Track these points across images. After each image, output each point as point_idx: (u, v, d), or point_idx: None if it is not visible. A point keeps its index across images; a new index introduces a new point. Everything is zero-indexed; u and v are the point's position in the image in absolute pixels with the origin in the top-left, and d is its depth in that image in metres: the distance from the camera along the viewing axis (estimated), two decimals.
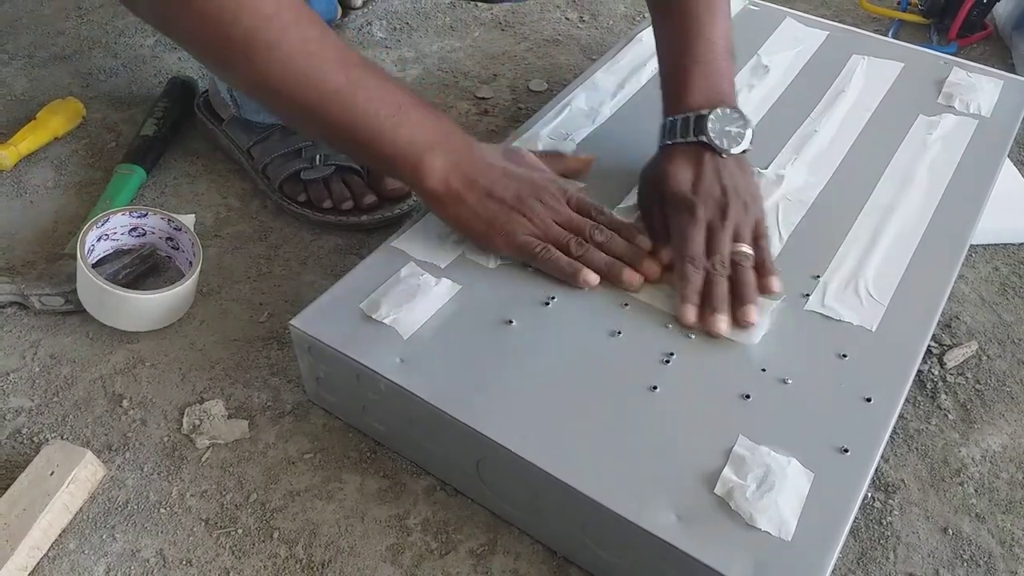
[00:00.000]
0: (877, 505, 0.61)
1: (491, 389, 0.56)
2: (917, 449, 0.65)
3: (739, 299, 0.60)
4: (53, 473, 0.58)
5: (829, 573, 0.47)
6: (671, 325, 0.60)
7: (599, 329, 0.60)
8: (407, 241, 0.66)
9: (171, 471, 0.62)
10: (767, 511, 0.49)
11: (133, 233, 0.76)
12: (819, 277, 0.64)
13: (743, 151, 0.66)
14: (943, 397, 0.68)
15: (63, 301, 0.72)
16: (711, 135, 0.65)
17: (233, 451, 0.64)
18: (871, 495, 0.61)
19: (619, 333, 0.60)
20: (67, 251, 0.77)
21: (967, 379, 0.70)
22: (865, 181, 0.73)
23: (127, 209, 0.75)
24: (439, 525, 0.59)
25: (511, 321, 0.60)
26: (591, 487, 0.50)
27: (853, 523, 0.51)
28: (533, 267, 0.64)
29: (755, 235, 0.64)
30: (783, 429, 0.54)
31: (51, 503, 0.57)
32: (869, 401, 0.55)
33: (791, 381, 0.57)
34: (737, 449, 0.52)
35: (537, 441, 0.53)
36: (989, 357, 0.71)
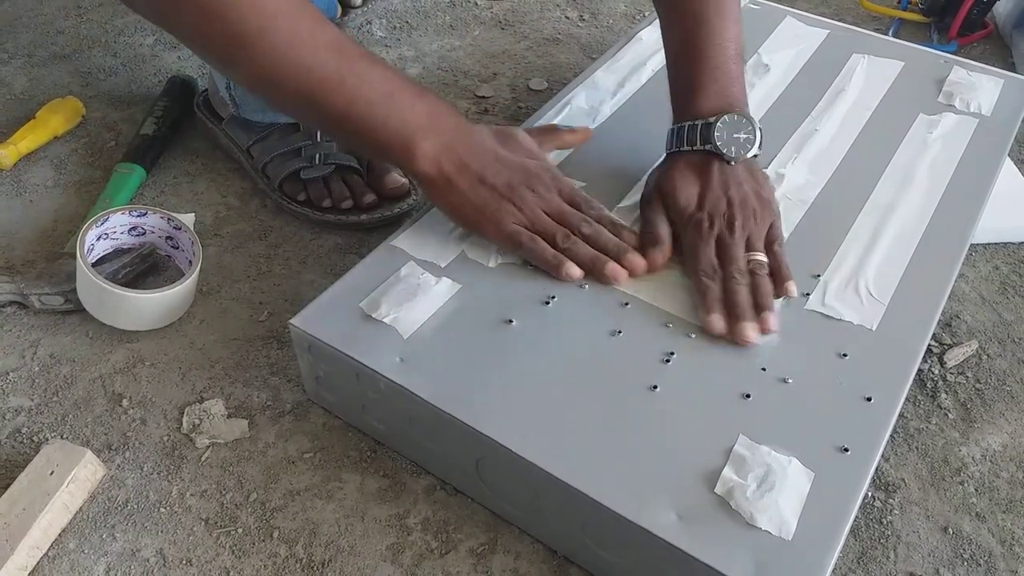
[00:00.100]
0: (877, 504, 0.61)
1: (491, 388, 0.56)
2: (917, 448, 0.65)
3: (757, 307, 0.60)
4: (53, 473, 0.58)
5: (829, 572, 0.47)
6: (671, 325, 0.60)
7: (599, 328, 0.60)
8: (407, 240, 0.66)
9: (171, 470, 0.62)
10: (767, 510, 0.49)
11: (133, 232, 0.76)
12: (819, 276, 0.64)
13: (753, 156, 0.66)
14: (943, 396, 0.68)
15: (63, 300, 0.72)
16: (718, 144, 0.64)
17: (233, 450, 0.64)
18: (871, 494, 0.61)
19: (619, 332, 0.60)
20: (67, 250, 0.77)
21: (967, 378, 0.70)
22: (865, 180, 0.73)
23: (127, 208, 0.75)
24: (439, 524, 0.59)
25: (511, 320, 0.60)
26: (591, 487, 0.50)
27: (853, 522, 0.51)
28: (522, 259, 0.64)
29: (769, 240, 0.64)
30: (783, 428, 0.54)
31: (51, 503, 0.57)
32: (869, 400, 0.55)
33: (791, 380, 0.56)
34: (737, 448, 0.52)
35: (537, 440, 0.53)
36: (989, 356, 0.71)
